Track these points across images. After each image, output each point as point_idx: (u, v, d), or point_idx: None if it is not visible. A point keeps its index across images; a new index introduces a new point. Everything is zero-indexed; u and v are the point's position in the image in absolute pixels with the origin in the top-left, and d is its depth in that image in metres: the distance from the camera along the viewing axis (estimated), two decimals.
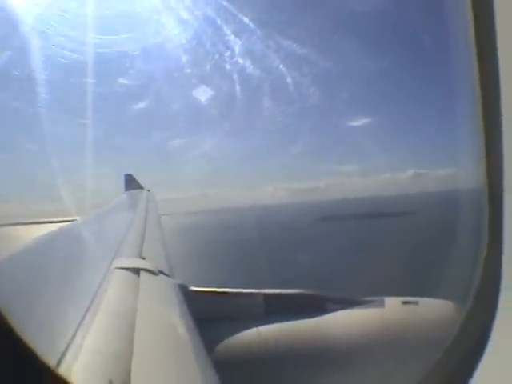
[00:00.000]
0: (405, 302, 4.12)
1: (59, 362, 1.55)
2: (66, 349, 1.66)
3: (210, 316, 3.80)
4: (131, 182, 14.71)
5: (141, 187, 14.48)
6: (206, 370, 2.17)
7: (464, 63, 1.42)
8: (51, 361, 1.52)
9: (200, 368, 2.11)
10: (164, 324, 2.49)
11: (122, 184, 14.78)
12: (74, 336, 1.79)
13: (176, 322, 2.59)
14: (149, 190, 13.95)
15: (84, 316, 2.05)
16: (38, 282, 2.51)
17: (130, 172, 15.26)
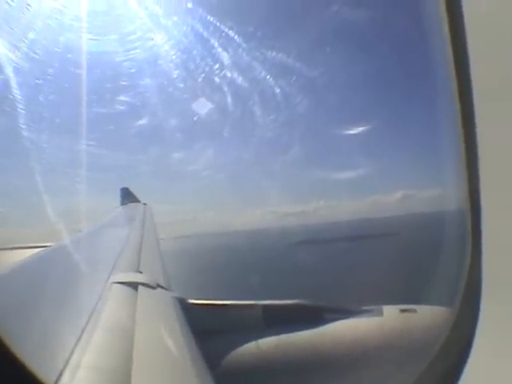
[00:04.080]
0: (403, 310, 4.12)
1: (57, 381, 1.55)
2: (64, 366, 1.65)
3: (208, 328, 3.78)
4: (127, 196, 14.60)
5: (137, 200, 14.37)
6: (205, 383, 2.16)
7: (444, 74, 1.46)
8: (49, 379, 1.51)
9: (199, 381, 2.10)
10: (163, 338, 2.48)
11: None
12: (72, 353, 1.78)
13: (174, 336, 2.58)
14: (145, 204, 13.84)
15: (82, 332, 2.04)
16: (35, 299, 2.50)
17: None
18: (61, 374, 1.59)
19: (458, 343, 1.45)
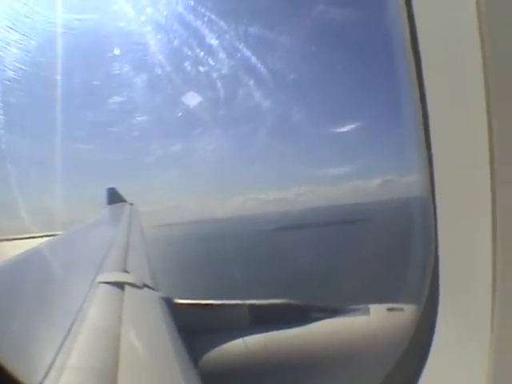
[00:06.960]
0: (390, 309, 4.15)
1: (42, 382, 1.53)
2: (50, 367, 1.63)
3: (195, 328, 3.78)
4: (113, 196, 14.49)
5: (123, 200, 14.27)
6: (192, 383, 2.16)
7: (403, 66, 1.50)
8: (34, 381, 1.49)
9: (186, 382, 2.09)
10: (149, 338, 2.47)
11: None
12: (56, 355, 1.76)
13: (161, 336, 2.57)
14: (132, 204, 13.75)
15: (68, 332, 2.02)
16: (19, 298, 2.46)
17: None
18: (46, 375, 1.57)
19: (421, 341, 1.48)
